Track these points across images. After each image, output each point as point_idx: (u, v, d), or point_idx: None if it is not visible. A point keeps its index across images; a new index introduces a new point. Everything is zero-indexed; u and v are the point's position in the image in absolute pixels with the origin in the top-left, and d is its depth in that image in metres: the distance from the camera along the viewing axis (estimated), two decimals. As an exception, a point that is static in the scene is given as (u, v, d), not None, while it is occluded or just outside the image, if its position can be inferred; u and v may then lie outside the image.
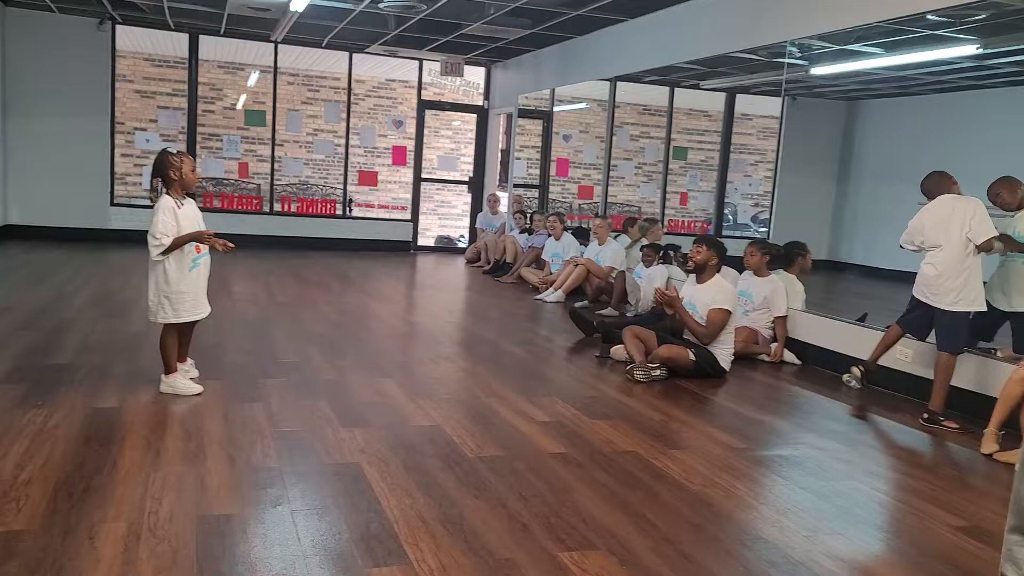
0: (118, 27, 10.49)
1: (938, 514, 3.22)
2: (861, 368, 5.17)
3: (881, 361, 5.08)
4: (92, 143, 10.48)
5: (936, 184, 4.69)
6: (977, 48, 6.23)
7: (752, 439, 4.10)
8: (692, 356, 5.19)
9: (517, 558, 2.57)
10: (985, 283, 4.60)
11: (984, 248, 4.46)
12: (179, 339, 4.17)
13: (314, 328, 6.08)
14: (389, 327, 6.63)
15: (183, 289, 4.06)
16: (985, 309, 4.61)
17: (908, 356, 5.07)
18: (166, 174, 4.02)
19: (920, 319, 4.72)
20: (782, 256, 6.21)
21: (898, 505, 3.38)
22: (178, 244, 3.98)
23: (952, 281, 4.49)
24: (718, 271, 5.44)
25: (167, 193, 4.04)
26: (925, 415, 4.53)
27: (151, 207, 4.06)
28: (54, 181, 10.32)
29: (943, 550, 2.88)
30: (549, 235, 9.35)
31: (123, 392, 4.08)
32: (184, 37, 10.89)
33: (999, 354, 4.77)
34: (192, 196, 4.22)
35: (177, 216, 4.01)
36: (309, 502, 2.92)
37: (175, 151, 4.11)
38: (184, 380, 4.16)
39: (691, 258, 5.45)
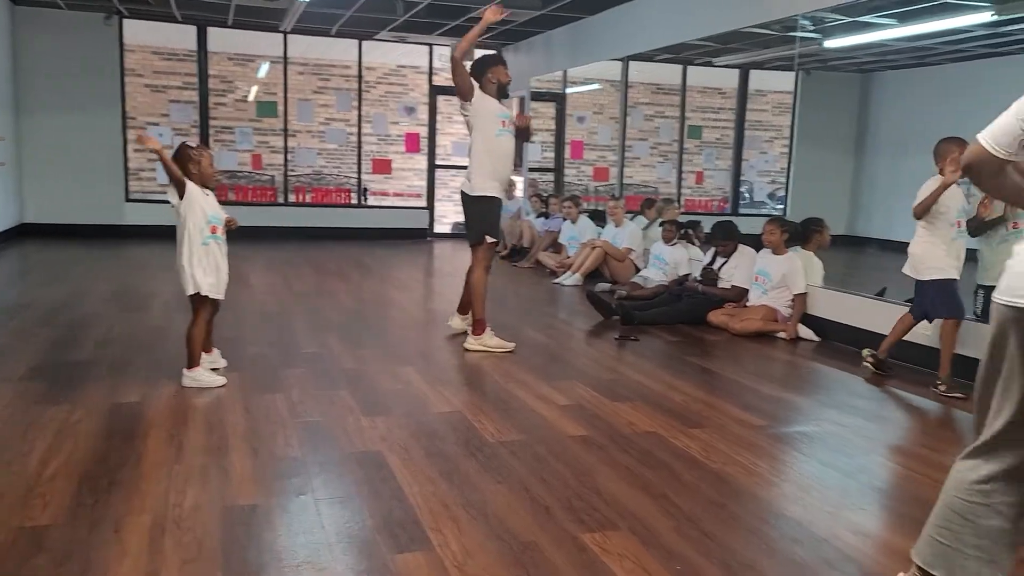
0: (125, 21, 10.51)
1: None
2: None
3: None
4: (104, 139, 10.55)
5: None
6: (992, 15, 6.12)
7: (772, 416, 4.08)
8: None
9: (540, 541, 2.58)
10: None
11: None
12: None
13: (333, 318, 6.09)
14: (408, 315, 6.64)
15: (202, 264, 4.02)
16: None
17: (929, 329, 5.01)
18: (185, 167, 3.97)
19: None
20: (799, 233, 6.16)
21: (922, 479, 3.34)
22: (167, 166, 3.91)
23: None
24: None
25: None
26: (938, 384, 4.55)
27: (168, 202, 4.01)
28: (69, 178, 10.40)
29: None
30: (565, 219, 9.32)
31: (144, 386, 4.11)
32: (192, 29, 10.90)
33: None
34: (210, 190, 4.14)
35: (201, 200, 4.00)
36: (332, 491, 2.93)
37: (194, 144, 4.07)
38: (207, 372, 4.18)
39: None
